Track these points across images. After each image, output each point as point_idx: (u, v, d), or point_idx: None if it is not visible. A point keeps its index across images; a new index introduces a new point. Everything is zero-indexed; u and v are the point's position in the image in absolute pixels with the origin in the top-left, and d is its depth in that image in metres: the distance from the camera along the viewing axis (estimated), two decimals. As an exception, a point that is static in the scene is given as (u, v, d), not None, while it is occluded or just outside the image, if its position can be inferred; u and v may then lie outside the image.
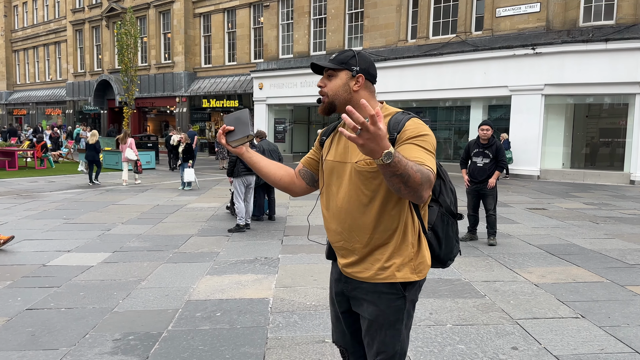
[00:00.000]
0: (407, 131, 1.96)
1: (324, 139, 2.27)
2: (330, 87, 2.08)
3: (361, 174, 2.01)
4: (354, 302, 2.17)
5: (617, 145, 18.10)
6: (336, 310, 2.28)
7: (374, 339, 2.10)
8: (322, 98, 2.10)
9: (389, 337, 2.09)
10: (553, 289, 5.21)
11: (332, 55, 2.12)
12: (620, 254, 6.73)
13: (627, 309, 4.62)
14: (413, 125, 1.97)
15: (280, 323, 4.26)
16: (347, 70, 2.06)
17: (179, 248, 6.93)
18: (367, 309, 2.10)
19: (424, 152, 1.89)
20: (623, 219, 9.43)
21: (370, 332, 2.11)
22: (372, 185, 2.01)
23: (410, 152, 1.86)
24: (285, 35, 24.44)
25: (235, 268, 5.94)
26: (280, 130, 25.05)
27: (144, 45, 31.43)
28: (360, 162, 2.00)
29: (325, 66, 2.09)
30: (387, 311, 2.07)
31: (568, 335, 4.03)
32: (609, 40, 15.31)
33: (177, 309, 4.61)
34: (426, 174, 1.75)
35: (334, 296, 2.28)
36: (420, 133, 1.95)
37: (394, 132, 1.98)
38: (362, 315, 2.14)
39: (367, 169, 1.99)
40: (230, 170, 8.19)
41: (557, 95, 16.80)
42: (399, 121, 2.01)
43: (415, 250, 2.07)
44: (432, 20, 19.60)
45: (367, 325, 2.12)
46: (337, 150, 2.14)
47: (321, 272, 5.77)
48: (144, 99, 31.66)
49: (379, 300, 2.07)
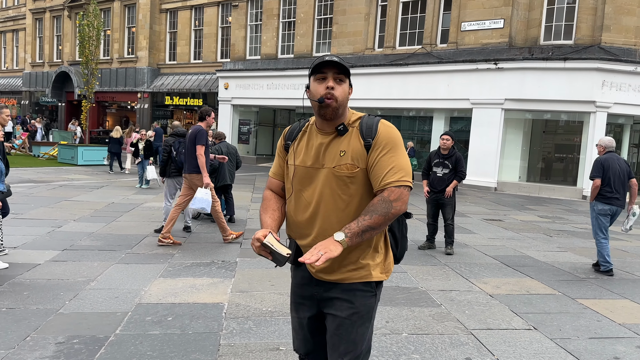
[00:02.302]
0: (380, 137, 2.07)
1: (288, 144, 2.27)
2: (340, 92, 2.09)
3: (340, 179, 2.07)
4: (326, 303, 2.17)
5: (571, 161, 18.74)
6: (299, 316, 2.27)
7: (343, 338, 2.11)
8: (330, 101, 2.07)
9: (359, 335, 2.12)
10: (507, 300, 5.28)
11: (334, 58, 2.10)
12: (572, 267, 6.91)
13: (577, 322, 4.72)
14: (385, 130, 2.09)
15: (234, 329, 4.15)
16: (348, 79, 2.14)
17: (132, 248, 6.71)
18: (341, 307, 2.12)
19: (397, 159, 2.05)
20: (575, 233, 9.72)
21: (340, 332, 2.11)
22: (349, 190, 2.08)
23: (386, 165, 2.03)
24: (253, 36, 24.26)
25: (191, 271, 5.78)
26: (244, 131, 24.82)
27: (107, 39, 30.60)
28: (338, 167, 2.07)
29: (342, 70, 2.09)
30: (362, 308, 2.12)
31: (521, 347, 4.07)
32: (567, 59, 15.85)
33: (127, 312, 4.43)
34: (382, 206, 1.96)
35: (299, 301, 2.25)
36: (392, 140, 2.08)
37: (368, 138, 2.07)
38: (333, 314, 2.14)
39: (346, 173, 2.06)
40: (162, 170, 7.87)
41: (517, 110, 17.26)
42: (370, 126, 2.10)
43: (384, 252, 2.19)
44: (399, 30, 19.84)
45: (338, 325, 2.12)
46: (309, 155, 2.16)
47: (279, 277, 5.68)
48: (104, 93, 30.79)
49: (354, 298, 2.12)
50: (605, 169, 6.51)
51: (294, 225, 2.20)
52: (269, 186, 2.35)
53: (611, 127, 17.06)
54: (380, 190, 2.03)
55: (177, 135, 7.89)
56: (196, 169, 6.88)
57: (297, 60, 22.31)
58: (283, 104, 23.21)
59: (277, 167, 2.33)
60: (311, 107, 2.14)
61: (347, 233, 1.92)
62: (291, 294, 2.31)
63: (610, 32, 15.83)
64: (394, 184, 2.01)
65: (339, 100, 2.08)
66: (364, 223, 1.94)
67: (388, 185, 2.01)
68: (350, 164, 2.06)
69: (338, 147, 2.11)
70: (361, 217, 1.96)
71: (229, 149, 8.99)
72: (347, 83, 2.13)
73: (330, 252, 1.86)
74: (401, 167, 2.05)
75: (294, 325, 2.33)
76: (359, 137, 2.10)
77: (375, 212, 1.96)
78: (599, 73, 15.60)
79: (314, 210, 2.11)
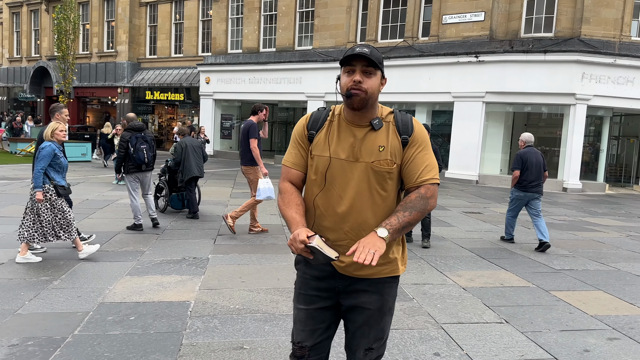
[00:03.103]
0: (416, 135, 2.13)
1: (313, 134, 2.19)
2: (369, 84, 2.05)
3: (379, 174, 2.08)
4: (350, 295, 2.17)
5: (552, 153, 18.81)
6: (309, 308, 2.22)
7: (372, 327, 2.18)
8: (359, 92, 2.04)
9: (387, 323, 2.23)
10: (480, 293, 5.22)
11: (365, 50, 2.04)
12: (548, 259, 6.89)
13: (549, 315, 4.67)
14: (419, 129, 2.15)
15: (198, 328, 4.02)
16: (380, 71, 2.10)
17: (102, 246, 6.53)
18: (370, 299, 2.16)
19: (429, 157, 2.12)
20: (553, 225, 9.73)
21: (370, 322, 2.17)
22: (387, 185, 2.11)
23: (422, 162, 2.10)
24: (235, 30, 23.99)
25: (159, 268, 5.64)
26: (227, 126, 24.58)
27: (86, 33, 30.08)
28: (377, 162, 2.08)
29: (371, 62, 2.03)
30: (389, 299, 2.21)
31: (491, 341, 4.01)
32: (547, 52, 15.88)
33: (88, 312, 4.28)
34: (420, 203, 2.04)
35: (313, 294, 2.21)
36: (425, 139, 2.15)
37: (405, 134, 2.11)
38: (362, 307, 2.16)
39: (386, 169, 2.08)
40: (119, 166, 7.57)
41: (498, 103, 17.28)
42: (406, 122, 2.15)
43: (402, 244, 2.25)
44: (381, 23, 19.73)
45: (368, 316, 2.17)
46: (342, 147, 2.12)
47: (251, 274, 5.56)
48: (84, 89, 30.31)
49: (383, 290, 2.18)
50: (524, 161, 7.42)
51: (322, 219, 2.14)
52: (288, 178, 2.24)
53: (591, 119, 17.17)
54: (415, 186, 2.09)
55: (134, 130, 7.57)
56: (251, 162, 7.33)
57: (279, 54, 22.11)
58: (265, 98, 22.99)
59: (297, 158, 2.22)
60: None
61: (389, 229, 1.96)
62: (301, 287, 2.25)
63: (590, 25, 15.88)
64: (429, 182, 2.09)
65: (369, 92, 2.05)
66: (404, 219, 2.00)
67: (424, 182, 2.08)
68: (389, 160, 2.08)
69: (375, 141, 2.10)
70: (400, 213, 2.01)
71: (193, 143, 8.97)
72: (378, 75, 2.08)
73: (379, 249, 1.88)
74: (433, 165, 2.13)
75: (299, 317, 2.25)
76: (395, 133, 2.12)
77: (415, 209, 2.03)
78: (578, 65, 15.65)
79: (349, 204, 2.09)
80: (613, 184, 18.59)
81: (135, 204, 7.55)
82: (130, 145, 7.43)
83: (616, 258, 7.09)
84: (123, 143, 7.48)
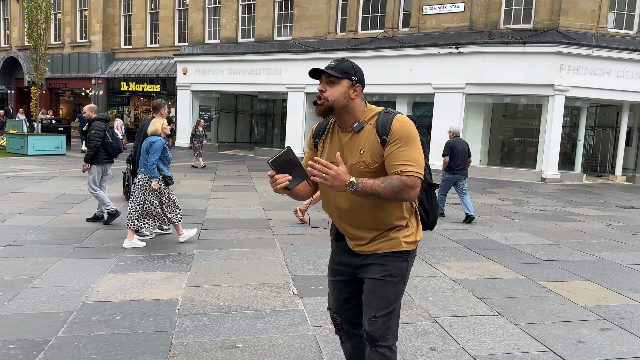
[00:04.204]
0: (394, 133, 2.22)
1: (317, 141, 2.50)
2: (331, 92, 2.27)
3: (361, 174, 2.25)
4: (362, 269, 2.44)
5: (530, 144, 19.05)
6: (335, 280, 2.58)
7: (377, 295, 2.37)
8: (321, 101, 2.29)
9: (392, 294, 2.38)
10: (471, 285, 5.20)
11: (332, 63, 2.31)
12: (534, 249, 6.93)
13: (541, 306, 4.67)
14: (398, 126, 2.23)
15: (187, 327, 3.89)
16: (348, 80, 2.29)
17: (82, 242, 6.33)
18: (376, 270, 2.38)
19: (410, 153, 2.20)
20: (535, 215, 9.82)
21: (375, 290, 2.38)
22: None
23: (398, 158, 2.20)
24: (212, 20, 23.57)
25: (143, 265, 5.47)
26: (205, 118, 24.19)
27: (58, 22, 29.22)
28: (358, 164, 2.27)
29: (330, 73, 2.26)
30: (394, 271, 2.37)
31: (485, 334, 3.98)
32: (526, 43, 15.99)
33: (71, 312, 4.11)
34: (397, 184, 2.14)
35: (337, 267, 2.56)
36: (405, 135, 2.22)
37: (383, 135, 2.24)
38: (369, 277, 2.39)
39: (366, 169, 2.26)
40: (92, 157, 7.29)
41: (478, 95, 17.36)
42: (385, 123, 2.25)
43: (415, 227, 2.44)
44: (362, 14, 19.61)
45: (373, 284, 2.38)
46: (333, 151, 2.35)
47: (239, 269, 5.44)
48: (56, 80, 29.48)
49: (387, 262, 2.37)
50: (452, 149, 8.80)
51: (331, 213, 2.48)
52: None
53: (568, 110, 17.40)
54: (397, 173, 2.19)
55: (105, 120, 7.44)
56: None
57: (258, 44, 21.82)
58: (245, 89, 22.72)
59: (307, 161, 2.51)
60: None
61: (360, 185, 2.12)
62: (330, 261, 2.63)
63: (568, 16, 16.03)
64: (410, 174, 2.18)
65: (331, 100, 2.26)
66: (375, 188, 2.13)
67: (404, 172, 2.18)
68: (369, 161, 2.26)
69: (357, 144, 2.30)
70: (377, 181, 2.14)
71: None
72: (344, 83, 2.27)
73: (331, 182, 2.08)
74: (415, 160, 2.21)
75: (330, 287, 2.64)
76: (375, 134, 2.27)
77: (390, 186, 2.14)
78: (557, 57, 15.81)
79: (342, 204, 2.35)
80: (590, 173, 18.92)
81: (102, 193, 7.39)
82: (107, 135, 7.30)
83: (600, 248, 7.17)
84: (100, 132, 7.28)
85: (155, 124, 6.25)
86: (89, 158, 7.32)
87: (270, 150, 22.44)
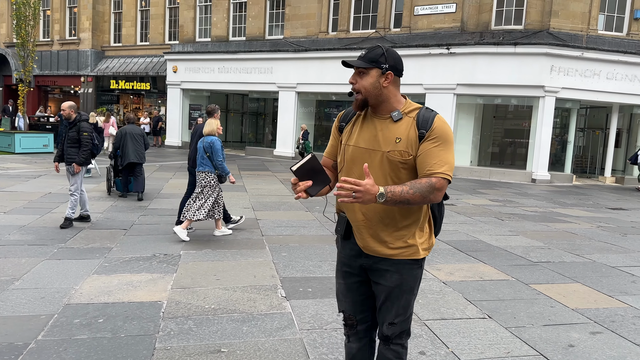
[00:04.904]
0: (434, 131, 2.19)
1: (343, 125, 2.46)
2: (362, 84, 2.24)
3: (393, 163, 2.22)
4: (375, 273, 2.38)
5: (520, 145, 19.09)
6: (347, 282, 2.48)
7: (394, 303, 2.36)
8: (356, 95, 2.26)
9: (407, 301, 2.38)
10: (461, 287, 5.15)
11: (362, 52, 2.26)
12: (524, 251, 6.90)
13: (531, 309, 4.63)
14: (440, 126, 2.21)
15: (172, 330, 3.80)
16: (377, 68, 2.23)
17: (67, 242, 6.20)
18: (391, 278, 2.33)
19: (445, 154, 2.18)
20: (525, 216, 9.81)
21: (391, 298, 2.36)
22: (401, 175, 2.23)
23: (433, 156, 2.17)
24: (203, 18, 23.40)
25: (129, 266, 5.36)
26: (196, 117, 24.00)
27: (47, 19, 28.89)
28: (392, 152, 2.22)
29: (356, 65, 2.23)
30: (409, 279, 2.35)
31: (475, 338, 3.92)
32: (517, 44, 16.01)
33: (53, 315, 4.01)
34: (426, 188, 2.12)
35: (347, 270, 2.47)
36: (445, 136, 2.20)
37: (422, 129, 2.20)
38: (382, 284, 2.36)
39: (399, 159, 2.21)
40: (87, 159, 7.14)
41: (468, 95, 17.36)
42: (427, 118, 2.22)
43: (429, 231, 2.40)
44: (353, 14, 19.54)
45: (388, 292, 2.35)
46: (363, 137, 2.30)
47: (226, 271, 5.35)
48: (45, 77, 29.15)
49: (402, 270, 2.32)
50: None
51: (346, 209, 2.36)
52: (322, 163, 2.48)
53: (559, 112, 17.45)
54: (426, 175, 2.17)
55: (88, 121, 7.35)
56: None
57: (249, 43, 21.69)
58: (235, 88, 22.58)
59: (330, 147, 2.54)
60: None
61: (389, 195, 2.07)
62: (338, 264, 2.53)
63: (559, 18, 16.07)
64: (441, 175, 2.15)
65: (363, 92, 2.24)
66: (404, 195, 2.09)
67: (435, 174, 2.15)
68: (404, 151, 2.21)
69: (394, 133, 2.24)
70: (406, 187, 2.10)
71: (134, 130, 9.74)
72: (373, 73, 2.22)
73: (361, 198, 2.03)
74: (448, 161, 2.19)
75: (340, 290, 2.54)
76: (415, 127, 2.23)
77: (419, 191, 2.11)
78: (547, 58, 15.84)
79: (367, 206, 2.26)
80: (580, 175, 18.99)
81: (86, 196, 7.40)
82: (94, 136, 7.23)
83: (590, 249, 7.16)
84: (91, 133, 7.18)
85: (211, 125, 6.71)
86: (84, 160, 7.11)
87: (261, 150, 22.33)
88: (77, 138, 7.08)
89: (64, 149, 7.16)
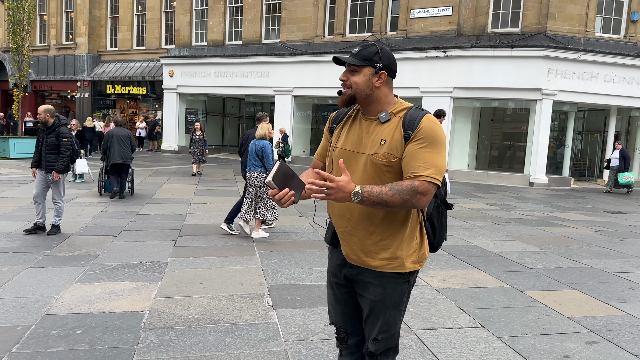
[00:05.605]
0: (421, 131, 2.06)
1: (334, 127, 2.36)
2: (353, 81, 2.14)
3: (377, 166, 2.11)
4: (359, 284, 2.27)
5: (518, 148, 18.99)
6: (336, 293, 2.38)
7: (378, 318, 2.24)
8: (345, 90, 2.17)
9: (392, 317, 2.24)
10: (454, 295, 5.02)
11: (356, 49, 2.16)
12: (520, 256, 6.76)
13: (525, 317, 4.49)
14: (427, 125, 2.07)
15: (151, 342, 3.67)
16: (371, 67, 2.13)
17: (52, 250, 6.07)
18: (374, 292, 2.22)
19: (432, 156, 2.04)
20: (522, 220, 9.67)
21: (375, 313, 2.24)
22: (386, 178, 2.10)
23: (417, 158, 2.03)
24: (199, 22, 23.33)
25: (113, 274, 5.22)
26: (192, 121, 23.89)
27: (44, 24, 28.81)
28: (377, 155, 2.10)
29: (348, 62, 2.13)
30: (393, 294, 2.21)
31: (467, 349, 3.79)
32: (514, 47, 15.93)
33: (30, 326, 3.87)
34: (407, 191, 1.97)
35: (335, 280, 2.36)
36: (432, 136, 2.06)
37: (408, 130, 2.07)
38: (365, 297, 2.25)
39: (383, 162, 2.09)
40: (67, 166, 6.97)
41: (465, 99, 17.27)
42: (414, 118, 2.09)
43: (419, 242, 2.23)
44: (349, 17, 19.48)
45: (371, 306, 2.24)
46: (350, 139, 2.22)
47: (213, 279, 5.21)
48: (42, 82, 29.05)
49: (387, 284, 2.20)
50: None
51: (331, 205, 2.26)
52: (311, 166, 2.48)
53: (556, 115, 17.35)
54: (410, 178, 2.03)
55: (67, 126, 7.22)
56: None
57: (246, 47, 21.61)
58: (232, 92, 22.49)
59: (320, 149, 2.45)
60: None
61: (365, 195, 1.96)
62: (327, 273, 2.43)
63: (556, 20, 15.99)
64: (425, 178, 2.01)
65: (354, 89, 2.13)
66: (382, 196, 1.97)
67: (419, 177, 2.01)
68: (388, 153, 2.09)
69: (380, 134, 2.14)
70: (385, 189, 1.98)
71: (120, 132, 10.07)
72: (365, 71, 2.13)
73: (334, 197, 1.95)
74: (435, 164, 2.04)
75: (330, 301, 2.43)
76: (400, 128, 2.11)
77: (399, 193, 1.98)
78: (544, 61, 15.75)
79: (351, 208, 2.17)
80: (578, 178, 18.88)
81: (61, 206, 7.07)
82: (73, 141, 7.18)
83: (587, 254, 7.03)
84: (71, 139, 7.03)
85: (263, 129, 7.03)
86: (63, 168, 6.88)
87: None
88: (57, 144, 6.82)
89: (43, 155, 6.86)
